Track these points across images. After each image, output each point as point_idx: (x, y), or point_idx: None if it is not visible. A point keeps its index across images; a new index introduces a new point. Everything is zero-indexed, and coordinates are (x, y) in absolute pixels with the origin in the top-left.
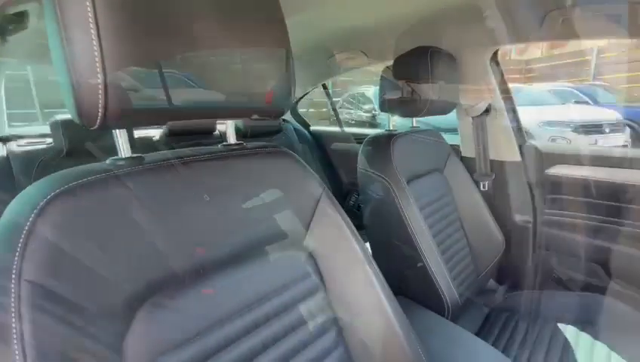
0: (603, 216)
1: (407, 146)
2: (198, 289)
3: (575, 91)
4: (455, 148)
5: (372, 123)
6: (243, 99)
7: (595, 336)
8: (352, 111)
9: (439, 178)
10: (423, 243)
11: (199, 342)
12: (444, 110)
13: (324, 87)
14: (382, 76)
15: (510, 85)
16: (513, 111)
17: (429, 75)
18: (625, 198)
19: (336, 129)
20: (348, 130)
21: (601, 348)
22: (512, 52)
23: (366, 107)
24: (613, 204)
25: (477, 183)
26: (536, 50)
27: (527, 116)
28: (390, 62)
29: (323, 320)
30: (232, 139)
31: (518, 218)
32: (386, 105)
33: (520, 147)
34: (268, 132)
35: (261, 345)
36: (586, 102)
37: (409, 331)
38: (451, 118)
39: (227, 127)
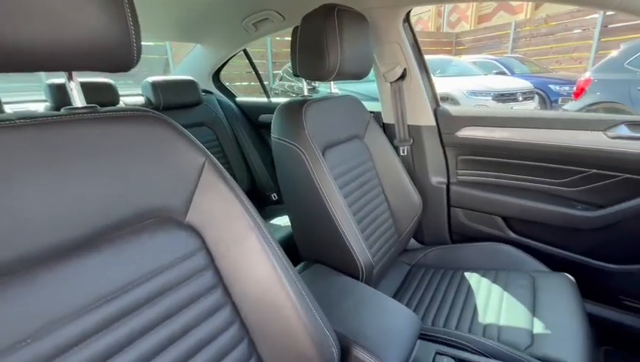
0: (503, 172)
1: (322, 113)
2: (28, 282)
3: (496, 63)
4: (377, 116)
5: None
6: (59, 48)
7: (494, 279)
8: (293, 83)
9: (359, 145)
10: (338, 212)
11: (29, 347)
12: (358, 74)
13: (246, 53)
14: (292, 38)
15: (442, 56)
16: (427, 76)
17: (337, 36)
18: (522, 156)
19: (263, 100)
20: (275, 100)
21: (497, 288)
22: (444, 25)
23: None
24: (512, 161)
25: (397, 149)
26: (466, 24)
27: (456, 85)
28: None
29: (214, 299)
30: (78, 101)
31: (433, 179)
32: (297, 69)
33: (434, 111)
34: (185, 104)
35: (128, 338)
36: (505, 73)
37: (304, 298)
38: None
39: (70, 88)
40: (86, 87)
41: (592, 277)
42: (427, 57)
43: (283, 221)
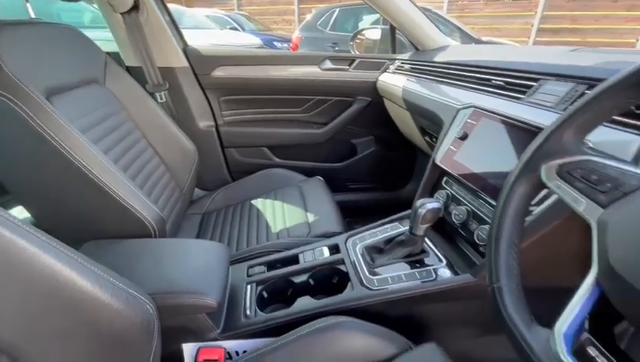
0: (259, 108)
1: (25, 44)
2: None
3: (228, 19)
4: (117, 57)
5: None
6: None
7: (274, 198)
8: None
9: (101, 92)
10: (100, 171)
11: None
12: None
13: None
14: None
15: (175, 6)
16: (165, 9)
17: None
18: (270, 90)
19: None
20: None
21: (278, 203)
22: None
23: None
24: (263, 97)
25: (153, 95)
26: None
27: (198, 39)
28: None
29: None
30: None
31: (201, 124)
32: None
33: (184, 51)
34: None
35: None
36: (237, 29)
37: (86, 268)
38: None
39: None
40: None
41: (331, 175)
42: None
43: (16, 212)
